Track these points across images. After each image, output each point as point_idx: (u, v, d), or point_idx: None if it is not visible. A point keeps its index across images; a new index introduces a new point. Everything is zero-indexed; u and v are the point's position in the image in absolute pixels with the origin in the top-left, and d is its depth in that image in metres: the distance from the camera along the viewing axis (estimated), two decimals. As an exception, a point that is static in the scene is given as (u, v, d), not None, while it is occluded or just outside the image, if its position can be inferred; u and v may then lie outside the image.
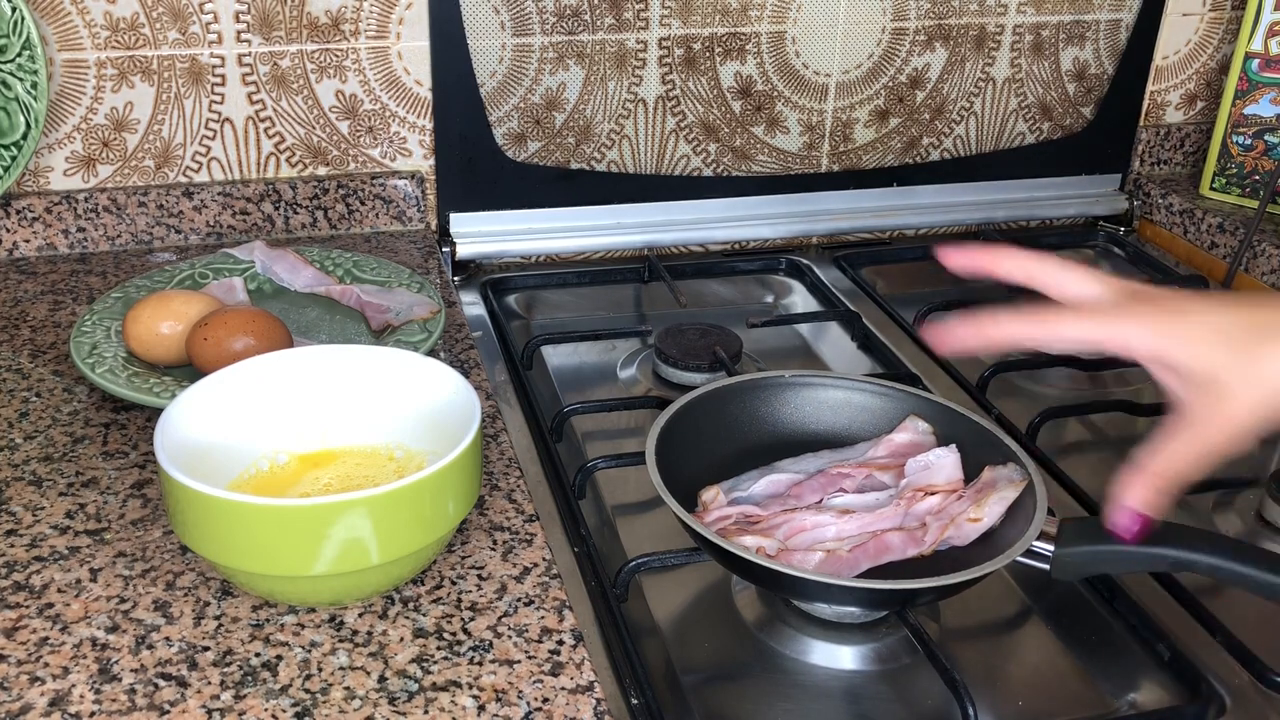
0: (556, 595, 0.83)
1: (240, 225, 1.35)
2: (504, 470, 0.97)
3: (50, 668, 0.75)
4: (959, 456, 0.93)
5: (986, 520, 0.87)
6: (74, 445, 0.97)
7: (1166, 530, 0.82)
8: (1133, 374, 1.27)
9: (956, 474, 0.92)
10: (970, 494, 0.89)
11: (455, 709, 0.73)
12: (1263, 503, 1.03)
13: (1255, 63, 1.47)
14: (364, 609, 0.81)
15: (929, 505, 0.90)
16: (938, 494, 0.90)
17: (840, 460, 0.96)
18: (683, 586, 0.94)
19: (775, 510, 0.91)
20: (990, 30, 1.49)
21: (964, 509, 0.88)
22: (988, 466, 0.91)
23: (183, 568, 0.84)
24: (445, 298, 1.22)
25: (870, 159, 1.53)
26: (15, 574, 0.83)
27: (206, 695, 0.73)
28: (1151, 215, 1.60)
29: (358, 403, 0.91)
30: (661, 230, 1.46)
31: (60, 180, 1.30)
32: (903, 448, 0.96)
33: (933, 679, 0.82)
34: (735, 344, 1.23)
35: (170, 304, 1.04)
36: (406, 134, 1.37)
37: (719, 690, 0.85)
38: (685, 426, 0.95)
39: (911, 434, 0.96)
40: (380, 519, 0.76)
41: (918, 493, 0.91)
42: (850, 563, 0.86)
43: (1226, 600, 0.92)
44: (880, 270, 1.50)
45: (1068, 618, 0.92)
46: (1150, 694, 0.86)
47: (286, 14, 1.28)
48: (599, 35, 1.37)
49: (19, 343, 1.12)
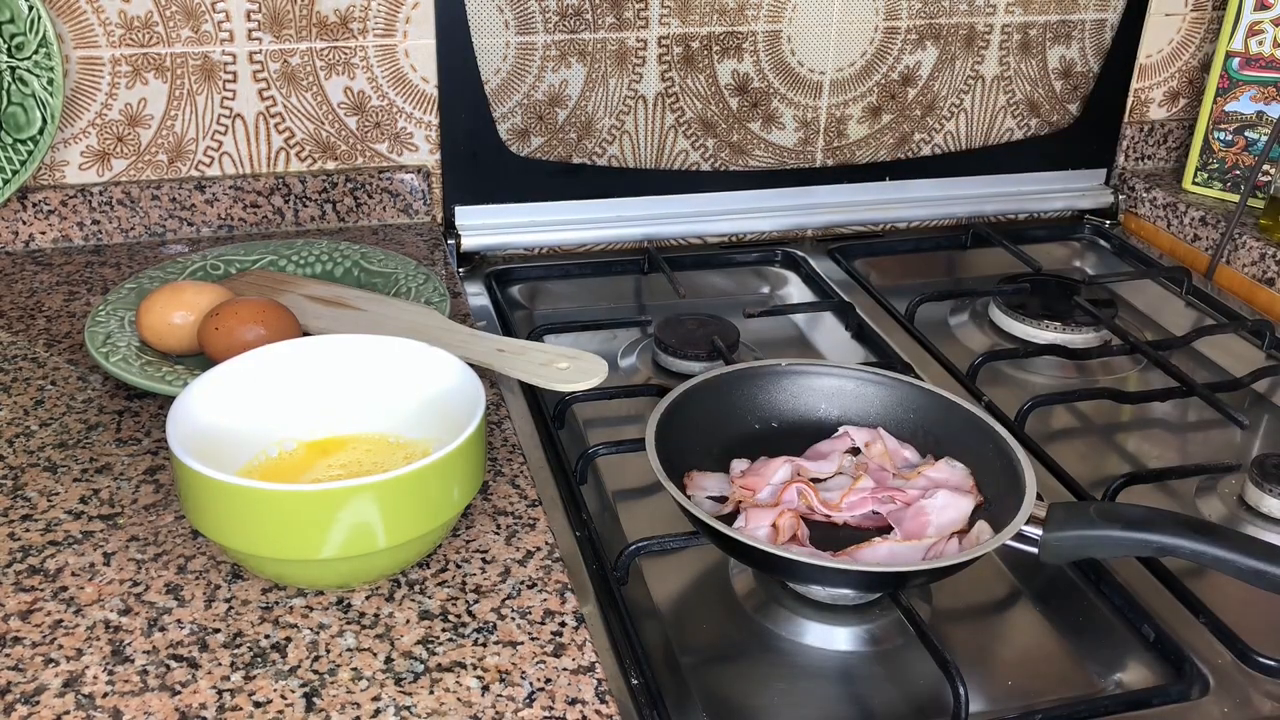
0: (558, 578, 0.84)
1: (251, 218, 1.36)
2: (507, 456, 0.98)
3: (64, 649, 0.76)
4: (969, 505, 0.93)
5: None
6: (88, 432, 0.98)
7: (1152, 516, 0.84)
8: (1118, 363, 1.29)
9: (959, 522, 0.92)
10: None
11: (460, 689, 0.74)
12: (1245, 488, 1.04)
13: (1236, 61, 1.49)
14: (371, 592, 0.82)
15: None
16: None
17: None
18: (681, 570, 0.94)
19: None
20: (979, 29, 1.50)
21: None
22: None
23: (194, 552, 0.85)
24: (450, 289, 1.22)
25: (863, 154, 1.54)
26: (30, 558, 0.83)
27: (217, 676, 0.74)
28: (1136, 209, 1.61)
29: (365, 391, 0.92)
30: (661, 223, 1.47)
31: (75, 174, 1.31)
32: (937, 482, 0.95)
33: (925, 659, 0.83)
34: (733, 334, 1.24)
35: (182, 295, 1.04)
36: (413, 129, 1.38)
37: (717, 670, 0.86)
38: (684, 413, 0.96)
39: (947, 473, 0.96)
40: (387, 504, 0.77)
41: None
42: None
43: (1210, 582, 0.93)
44: (873, 262, 1.51)
45: (1056, 600, 0.93)
46: (1136, 674, 0.87)
47: (296, 13, 1.29)
48: (600, 34, 1.38)
49: (35, 332, 1.13)
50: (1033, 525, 0.84)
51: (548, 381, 0.99)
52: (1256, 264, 1.41)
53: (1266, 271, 1.40)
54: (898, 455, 0.98)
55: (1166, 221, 1.56)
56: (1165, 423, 1.20)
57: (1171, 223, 1.55)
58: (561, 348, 1.03)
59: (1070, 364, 1.28)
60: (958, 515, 0.90)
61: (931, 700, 0.84)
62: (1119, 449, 1.16)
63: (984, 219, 1.58)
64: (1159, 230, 1.57)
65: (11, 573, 0.82)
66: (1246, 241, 1.43)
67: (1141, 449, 1.16)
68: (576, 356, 1.01)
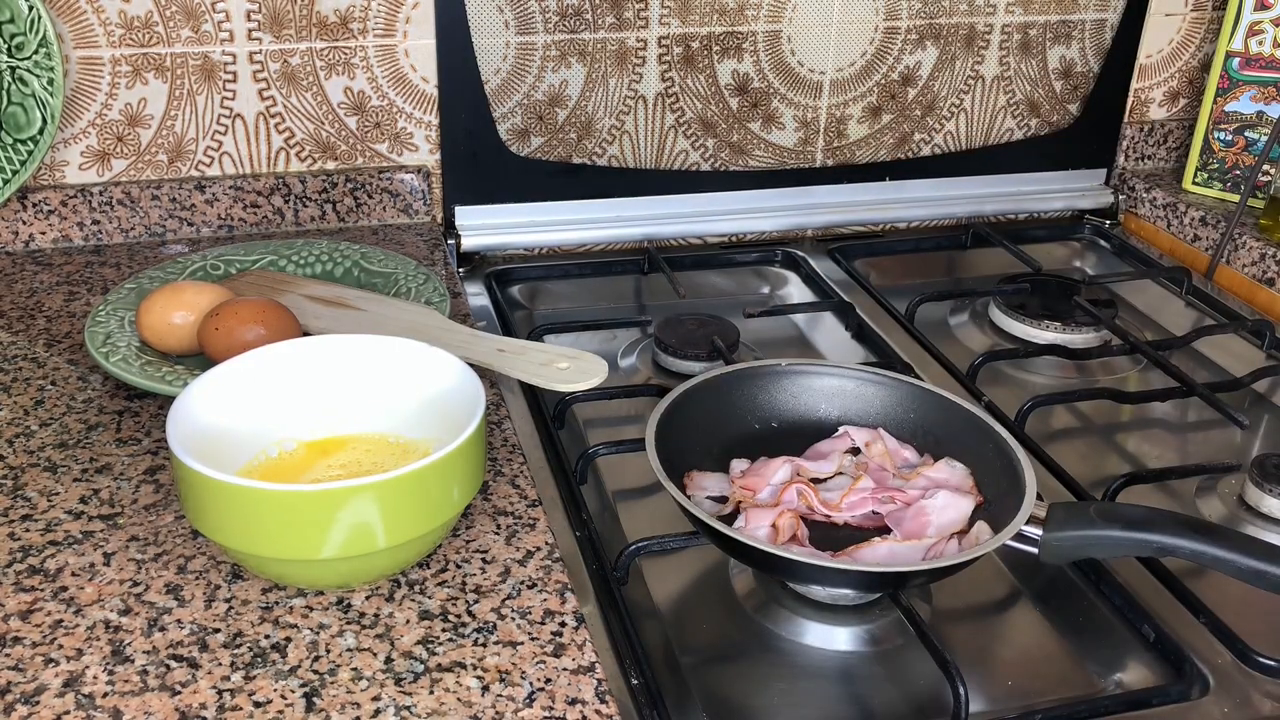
0: (558, 578, 0.84)
1: (251, 218, 1.36)
2: (507, 456, 0.98)
3: (64, 649, 0.76)
4: (969, 506, 0.92)
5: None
6: (88, 432, 0.98)
7: (1152, 516, 0.84)
8: (1118, 363, 1.29)
9: (960, 523, 0.92)
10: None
11: (460, 689, 0.74)
12: (1245, 488, 1.04)
13: (1236, 61, 1.49)
14: (371, 592, 0.82)
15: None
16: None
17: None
18: (681, 570, 0.94)
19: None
20: (980, 29, 1.51)
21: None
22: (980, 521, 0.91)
23: (194, 552, 0.85)
24: (450, 289, 1.22)
25: (864, 154, 1.54)
26: (30, 558, 0.83)
27: (217, 676, 0.74)
28: (1136, 209, 1.61)
29: (365, 391, 0.92)
30: (661, 223, 1.47)
31: (75, 174, 1.31)
32: (937, 482, 0.95)
33: (925, 659, 0.83)
34: (732, 334, 1.24)
35: (182, 295, 1.04)
36: (413, 129, 1.38)
37: (717, 670, 0.86)
38: (684, 414, 0.96)
39: (947, 473, 0.96)
40: (387, 504, 0.77)
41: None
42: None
43: (1210, 583, 0.93)
44: (873, 262, 1.51)
45: (1056, 600, 0.94)
46: (1136, 674, 0.87)
47: (296, 13, 1.29)
48: (600, 34, 1.38)
49: (35, 332, 1.13)
50: (1033, 525, 0.84)
51: (548, 381, 0.99)
52: (1256, 264, 1.41)
53: (1266, 271, 1.40)
54: (898, 455, 0.98)
55: (1166, 221, 1.56)
56: (1165, 423, 1.20)
57: (1171, 223, 1.55)
58: (562, 348, 1.03)
59: (1070, 364, 1.28)
60: (958, 515, 0.90)
61: (931, 700, 0.84)
62: (1119, 449, 1.16)
63: (984, 219, 1.58)
64: (1159, 230, 1.57)
65: (11, 573, 0.82)
66: (1246, 241, 1.43)
67: (1141, 449, 1.16)
68: (576, 356, 1.01)
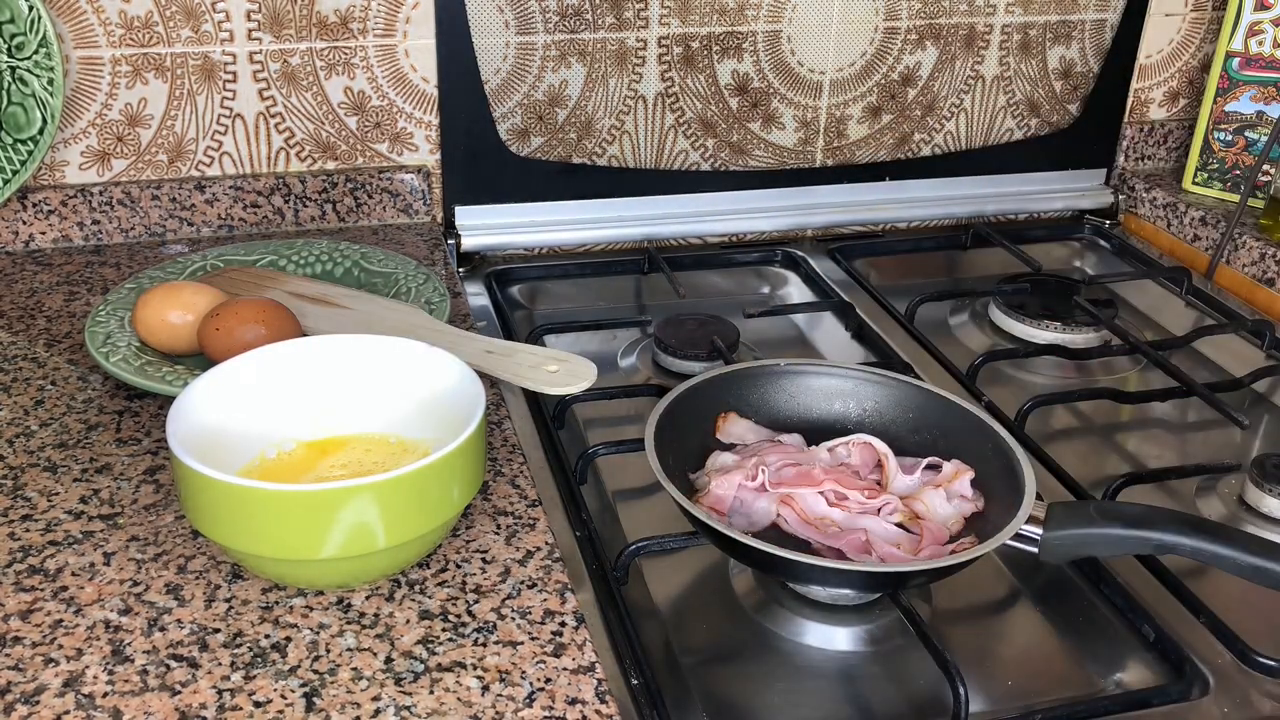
0: (558, 578, 0.84)
1: (251, 218, 1.36)
2: (507, 456, 0.98)
3: (64, 649, 0.76)
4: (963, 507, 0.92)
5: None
6: (88, 432, 0.98)
7: (1151, 514, 0.84)
8: (1118, 363, 1.29)
9: (957, 523, 0.92)
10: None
11: (460, 689, 0.74)
12: (1245, 487, 1.04)
13: (1236, 61, 1.49)
14: (371, 591, 0.82)
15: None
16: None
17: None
18: (681, 569, 0.94)
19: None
20: (979, 29, 1.51)
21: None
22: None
23: (194, 552, 0.85)
24: (450, 289, 1.22)
25: (863, 154, 1.54)
26: (30, 558, 0.83)
27: (217, 676, 0.74)
28: (1136, 209, 1.61)
29: (365, 391, 0.92)
30: (661, 223, 1.47)
31: (75, 174, 1.31)
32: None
33: (925, 659, 0.83)
34: (732, 334, 1.24)
35: (180, 294, 1.04)
36: (413, 129, 1.38)
37: (717, 670, 0.86)
38: (684, 413, 0.96)
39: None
40: (387, 504, 0.77)
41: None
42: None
43: (1210, 582, 0.93)
44: (873, 262, 1.51)
45: (1056, 600, 0.94)
46: (1136, 674, 0.87)
47: (296, 13, 1.29)
48: (600, 34, 1.38)
49: (35, 332, 1.13)
50: (1032, 525, 0.84)
51: (536, 384, 0.99)
52: (1256, 264, 1.41)
53: (1266, 271, 1.40)
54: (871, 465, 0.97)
55: (1166, 221, 1.56)
56: (1165, 423, 1.20)
57: (1171, 223, 1.55)
58: (551, 350, 1.03)
59: (1070, 364, 1.28)
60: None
61: (931, 700, 0.83)
62: (1119, 449, 1.16)
63: (984, 219, 1.58)
64: (1159, 230, 1.57)
65: (11, 573, 0.82)
66: (1246, 241, 1.43)
67: (1141, 449, 1.16)
68: (566, 359, 1.01)
